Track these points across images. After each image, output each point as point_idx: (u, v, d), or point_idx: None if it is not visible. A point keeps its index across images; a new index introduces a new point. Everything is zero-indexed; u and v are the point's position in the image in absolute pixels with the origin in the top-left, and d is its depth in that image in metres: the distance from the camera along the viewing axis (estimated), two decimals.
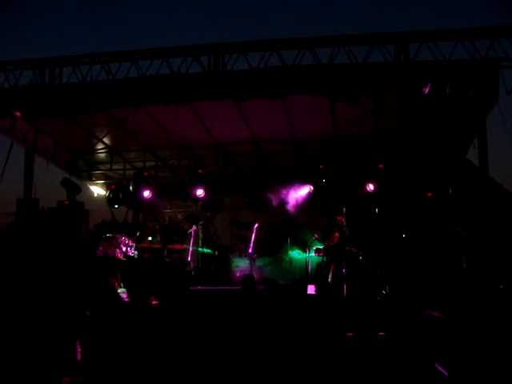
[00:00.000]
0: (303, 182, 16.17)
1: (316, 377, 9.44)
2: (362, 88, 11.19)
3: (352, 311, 9.43)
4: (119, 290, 12.86)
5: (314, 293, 11.12)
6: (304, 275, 14.43)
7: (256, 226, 15.63)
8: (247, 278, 10.44)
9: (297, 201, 16.42)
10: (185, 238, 16.05)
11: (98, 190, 18.59)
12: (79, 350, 9.93)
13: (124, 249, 14.40)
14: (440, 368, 9.98)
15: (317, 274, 13.09)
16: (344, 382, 9.31)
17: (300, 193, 16.34)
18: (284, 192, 16.24)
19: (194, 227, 15.82)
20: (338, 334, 9.54)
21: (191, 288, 12.25)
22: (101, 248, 14.21)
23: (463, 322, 8.38)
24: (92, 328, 9.47)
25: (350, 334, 9.30)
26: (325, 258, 14.13)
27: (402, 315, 9.25)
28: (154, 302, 10.05)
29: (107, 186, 17.68)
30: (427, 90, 11.02)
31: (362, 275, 10.79)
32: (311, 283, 12.34)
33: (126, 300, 10.95)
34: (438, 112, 13.36)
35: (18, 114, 12.47)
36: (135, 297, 9.72)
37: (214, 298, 11.77)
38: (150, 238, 15.63)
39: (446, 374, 9.33)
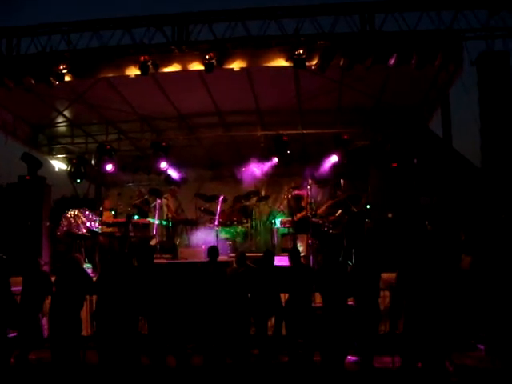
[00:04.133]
0: (268, 154, 16.10)
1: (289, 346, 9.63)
2: (328, 58, 11.06)
3: (322, 282, 9.41)
4: (84, 266, 12.73)
5: (282, 264, 11.04)
6: (270, 247, 14.51)
7: (221, 198, 15.55)
8: (212, 249, 10.35)
9: (261, 173, 16.37)
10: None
11: (59, 164, 18.17)
12: (46, 326, 9.84)
13: (88, 224, 14.19)
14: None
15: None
16: (315, 350, 9.46)
17: (265, 165, 16.28)
18: (249, 164, 16.17)
19: (159, 200, 15.67)
20: (308, 304, 9.62)
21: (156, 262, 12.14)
22: (64, 223, 14.00)
23: (426, 286, 8.38)
24: (60, 304, 9.34)
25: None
26: (291, 230, 14.18)
27: (369, 285, 9.26)
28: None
29: (68, 161, 17.27)
30: (393, 61, 10.97)
31: (329, 246, 10.76)
32: (277, 255, 12.27)
33: (92, 275, 10.84)
34: (402, 83, 13.27)
35: None
36: (103, 273, 9.58)
37: (179, 271, 11.74)
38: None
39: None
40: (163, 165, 16.17)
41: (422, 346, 8.12)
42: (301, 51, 11.10)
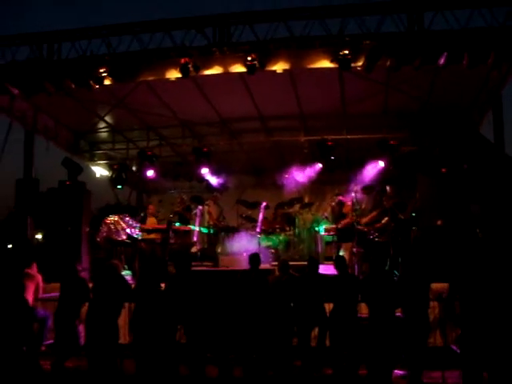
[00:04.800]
0: (311, 160, 15.73)
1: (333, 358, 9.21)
2: (374, 58, 10.65)
3: (368, 292, 8.97)
4: (123, 273, 12.52)
5: (326, 272, 10.63)
6: (314, 255, 14.10)
7: (263, 205, 15.24)
8: (253, 257, 9.99)
9: (304, 179, 15.99)
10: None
11: (100, 170, 18.13)
12: (82, 333, 9.61)
13: (128, 230, 13.99)
14: (457, 350, 9.68)
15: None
16: (360, 363, 9.01)
17: (308, 171, 15.91)
18: (292, 170, 15.81)
19: (200, 207, 15.41)
20: (354, 315, 9.19)
21: (196, 269, 11.90)
22: (103, 229, 13.82)
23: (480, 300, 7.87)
24: (97, 311, 9.10)
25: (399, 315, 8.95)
26: (335, 238, 13.77)
27: (418, 295, 8.79)
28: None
29: (110, 167, 17.16)
30: (443, 61, 10.50)
31: (376, 255, 10.29)
32: (321, 263, 11.85)
33: (131, 282, 10.61)
34: (451, 85, 12.78)
35: (15, 90, 12.01)
36: (143, 280, 9.30)
37: (220, 279, 11.45)
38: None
39: None
40: (204, 171, 15.93)
41: (484, 361, 7.59)
42: (346, 52, 10.74)
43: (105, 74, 11.48)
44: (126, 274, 12.73)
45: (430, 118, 14.63)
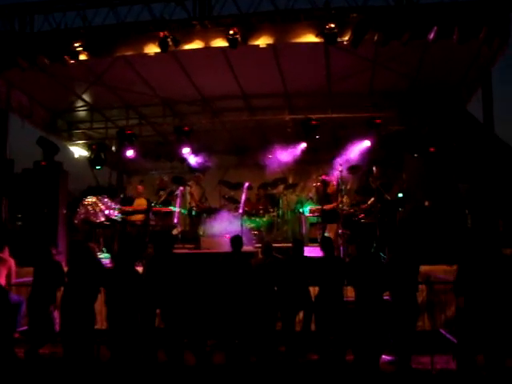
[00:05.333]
0: (296, 139, 15.33)
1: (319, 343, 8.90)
2: (361, 32, 10.24)
3: (355, 275, 8.64)
4: (102, 256, 12.14)
5: (311, 255, 10.26)
6: (298, 236, 13.78)
7: (246, 185, 14.83)
8: (235, 239, 9.61)
9: (288, 159, 15.59)
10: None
11: (78, 150, 17.62)
12: (58, 319, 9.24)
13: (106, 212, 13.54)
14: (446, 334, 9.40)
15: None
16: (347, 348, 8.69)
17: (292, 150, 15.51)
18: (275, 150, 15.38)
19: (181, 188, 14.97)
20: (340, 298, 8.85)
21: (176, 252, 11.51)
22: (81, 211, 13.37)
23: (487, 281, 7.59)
24: (72, 296, 8.71)
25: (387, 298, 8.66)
26: (320, 219, 13.44)
27: (406, 278, 8.48)
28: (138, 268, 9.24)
29: (88, 147, 16.70)
30: (432, 35, 10.10)
31: (362, 236, 9.94)
32: (306, 245, 11.49)
33: (109, 266, 10.25)
34: (439, 62, 12.41)
35: None
36: (119, 262, 8.89)
37: (201, 262, 11.10)
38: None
39: (454, 341, 8.73)
40: (186, 150, 15.47)
41: (482, 346, 7.29)
42: (332, 25, 10.32)
43: (80, 49, 10.99)
44: (105, 257, 12.34)
45: (418, 96, 14.27)
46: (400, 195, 13.31)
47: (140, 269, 9.29)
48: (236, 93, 14.98)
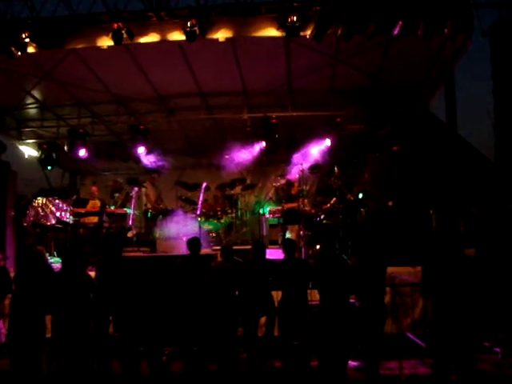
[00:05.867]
0: (254, 139, 14.95)
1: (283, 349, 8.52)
2: (324, 25, 9.87)
3: (320, 277, 8.25)
4: (53, 260, 11.57)
5: (273, 257, 9.88)
6: (258, 238, 13.45)
7: (204, 185, 14.41)
8: (193, 241, 9.16)
9: (247, 159, 15.21)
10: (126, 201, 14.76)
11: (29, 150, 16.89)
12: (3, 330, 8.67)
13: (58, 214, 12.95)
14: (413, 338, 9.13)
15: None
16: (311, 354, 8.32)
17: (250, 150, 15.13)
18: (234, 150, 14.98)
19: (136, 188, 14.47)
20: (305, 302, 8.47)
21: (131, 255, 11.03)
22: (31, 213, 12.74)
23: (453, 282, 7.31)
24: (20, 303, 8.11)
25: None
26: (281, 220, 13.11)
27: (373, 280, 8.15)
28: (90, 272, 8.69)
29: (39, 146, 16.01)
30: (397, 30, 9.80)
31: (326, 238, 9.58)
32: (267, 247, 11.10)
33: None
34: (402, 59, 12.15)
35: None
36: (68, 265, 8.30)
37: (157, 266, 10.65)
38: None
39: (422, 345, 8.47)
40: (141, 150, 14.96)
41: (453, 348, 6.96)
42: (294, 18, 9.89)
43: (28, 40, 10.32)
44: (55, 261, 11.74)
45: (380, 95, 13.99)
46: (360, 195, 13.09)
47: (93, 273, 8.77)
48: (193, 91, 14.46)
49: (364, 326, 8.05)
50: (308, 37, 10.16)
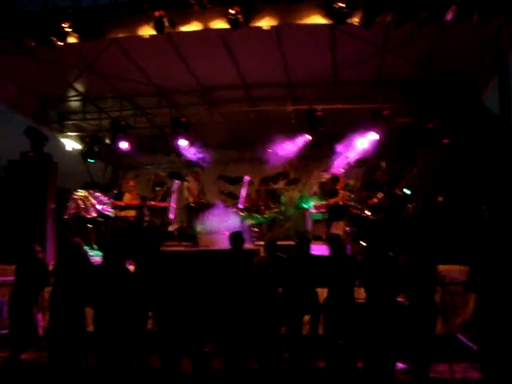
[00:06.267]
0: (299, 132, 14.57)
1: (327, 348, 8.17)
2: (373, 12, 9.44)
3: (367, 274, 7.88)
4: (93, 253, 11.42)
5: (318, 253, 9.53)
6: (302, 233, 13.11)
7: (247, 179, 14.09)
8: (235, 235, 8.86)
9: (291, 153, 14.84)
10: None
11: (71, 143, 16.82)
12: (41, 323, 8.54)
13: (99, 207, 12.81)
14: (464, 339, 8.72)
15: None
16: (357, 354, 7.96)
17: (294, 144, 14.75)
18: (277, 143, 14.63)
19: (178, 182, 14.23)
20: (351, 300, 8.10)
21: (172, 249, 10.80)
22: (71, 206, 12.60)
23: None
24: (59, 296, 7.98)
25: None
26: (325, 215, 12.72)
27: (424, 278, 7.75)
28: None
29: (81, 139, 15.94)
30: (450, 16, 9.30)
31: (374, 234, 9.19)
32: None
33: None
34: (453, 49, 11.65)
35: None
36: (108, 259, 8.11)
37: (199, 260, 10.38)
38: None
39: (474, 347, 8.05)
40: (183, 143, 14.68)
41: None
42: (341, 4, 9.47)
43: (69, 30, 10.15)
44: (95, 254, 11.57)
45: (429, 86, 13.48)
46: (406, 191, 12.65)
47: (132, 267, 8.56)
48: (236, 82, 14.21)
49: (413, 327, 7.66)
50: (356, 23, 9.74)
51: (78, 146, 16.61)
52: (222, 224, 13.13)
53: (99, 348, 7.71)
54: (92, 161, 15.32)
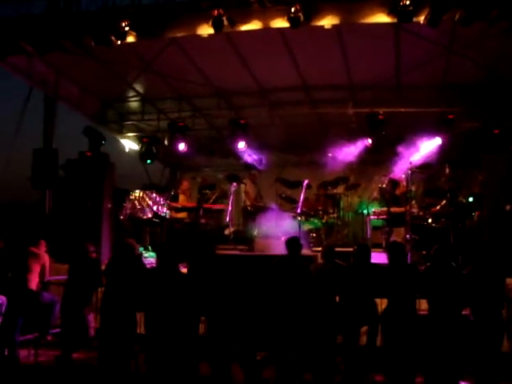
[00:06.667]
0: (359, 136, 14.16)
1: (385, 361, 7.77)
2: (441, 9, 9.01)
3: (430, 286, 7.48)
4: (147, 254, 11.31)
5: (378, 261, 9.14)
6: (361, 240, 12.73)
7: (305, 182, 13.72)
8: (292, 241, 8.55)
9: (351, 157, 14.40)
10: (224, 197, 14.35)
11: (129, 144, 16.84)
12: (92, 324, 8.44)
13: (155, 208, 12.69)
14: None
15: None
16: (417, 369, 7.53)
17: (355, 148, 14.32)
18: (337, 147, 14.22)
19: (235, 184, 14.00)
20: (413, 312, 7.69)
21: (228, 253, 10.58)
22: (127, 206, 12.53)
23: None
24: (111, 297, 7.85)
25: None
26: (385, 222, 12.31)
27: (491, 292, 7.29)
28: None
29: (139, 140, 15.91)
30: None
31: (439, 243, 8.73)
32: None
33: (152, 265, 9.35)
34: None
35: (29, 48, 10.73)
36: (162, 261, 7.94)
37: (254, 265, 10.09)
38: None
39: None
40: (241, 145, 14.42)
41: None
42: (407, 2, 9.07)
43: (127, 29, 10.08)
44: (150, 256, 11.46)
45: (496, 90, 12.93)
46: (470, 199, 12.12)
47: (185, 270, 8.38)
48: (296, 84, 13.97)
49: (478, 343, 7.21)
50: (422, 22, 9.33)
51: (136, 147, 16.59)
52: (278, 228, 12.86)
53: (149, 352, 7.53)
54: (149, 161, 15.22)
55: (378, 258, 9.81)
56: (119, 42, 10.32)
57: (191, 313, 7.80)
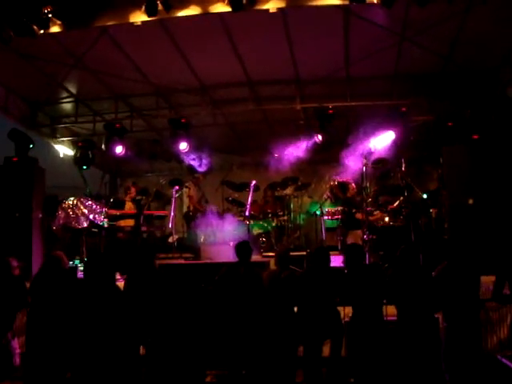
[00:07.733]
0: (308, 133, 13.44)
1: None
2: None
3: (397, 290, 6.77)
4: (82, 268, 10.30)
5: (337, 265, 8.42)
6: (314, 243, 12.07)
7: (253, 184, 12.98)
8: (242, 245, 7.76)
9: (299, 156, 13.69)
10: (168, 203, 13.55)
11: (63, 149, 15.74)
12: (17, 350, 7.45)
13: (91, 216, 11.71)
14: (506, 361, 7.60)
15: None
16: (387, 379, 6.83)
17: (304, 147, 13.62)
18: (285, 146, 13.48)
19: (177, 187, 13.14)
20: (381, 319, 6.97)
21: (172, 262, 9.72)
22: (60, 215, 11.51)
23: None
24: (37, 319, 6.87)
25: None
26: (341, 223, 11.65)
27: (465, 293, 6.65)
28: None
29: (74, 144, 14.88)
30: None
31: (402, 243, 8.05)
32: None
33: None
34: (479, 34, 10.56)
35: None
36: (93, 273, 6.96)
37: (200, 275, 9.34)
38: None
39: None
40: (183, 146, 13.57)
41: None
42: None
43: (50, 15, 9.05)
44: None
45: (451, 79, 12.39)
46: (425, 196, 11.58)
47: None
48: (240, 79, 13.14)
49: (454, 349, 6.54)
50: (376, 1, 8.62)
51: (71, 152, 15.50)
52: (225, 233, 12.22)
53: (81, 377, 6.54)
54: (86, 167, 14.25)
55: (335, 261, 9.11)
56: (42, 32, 9.26)
57: (127, 332, 6.86)
